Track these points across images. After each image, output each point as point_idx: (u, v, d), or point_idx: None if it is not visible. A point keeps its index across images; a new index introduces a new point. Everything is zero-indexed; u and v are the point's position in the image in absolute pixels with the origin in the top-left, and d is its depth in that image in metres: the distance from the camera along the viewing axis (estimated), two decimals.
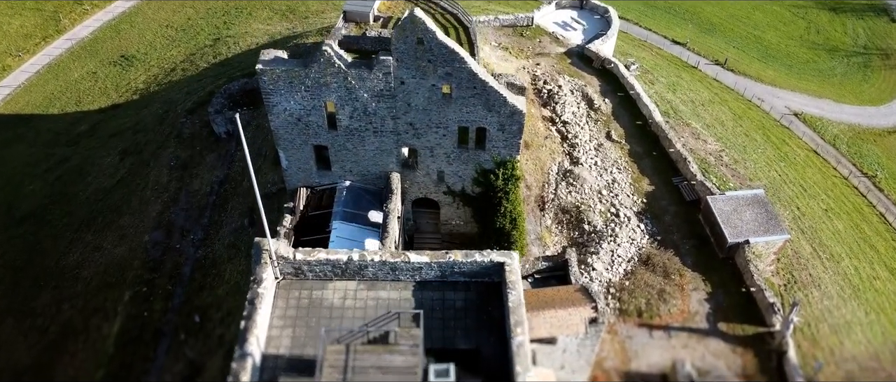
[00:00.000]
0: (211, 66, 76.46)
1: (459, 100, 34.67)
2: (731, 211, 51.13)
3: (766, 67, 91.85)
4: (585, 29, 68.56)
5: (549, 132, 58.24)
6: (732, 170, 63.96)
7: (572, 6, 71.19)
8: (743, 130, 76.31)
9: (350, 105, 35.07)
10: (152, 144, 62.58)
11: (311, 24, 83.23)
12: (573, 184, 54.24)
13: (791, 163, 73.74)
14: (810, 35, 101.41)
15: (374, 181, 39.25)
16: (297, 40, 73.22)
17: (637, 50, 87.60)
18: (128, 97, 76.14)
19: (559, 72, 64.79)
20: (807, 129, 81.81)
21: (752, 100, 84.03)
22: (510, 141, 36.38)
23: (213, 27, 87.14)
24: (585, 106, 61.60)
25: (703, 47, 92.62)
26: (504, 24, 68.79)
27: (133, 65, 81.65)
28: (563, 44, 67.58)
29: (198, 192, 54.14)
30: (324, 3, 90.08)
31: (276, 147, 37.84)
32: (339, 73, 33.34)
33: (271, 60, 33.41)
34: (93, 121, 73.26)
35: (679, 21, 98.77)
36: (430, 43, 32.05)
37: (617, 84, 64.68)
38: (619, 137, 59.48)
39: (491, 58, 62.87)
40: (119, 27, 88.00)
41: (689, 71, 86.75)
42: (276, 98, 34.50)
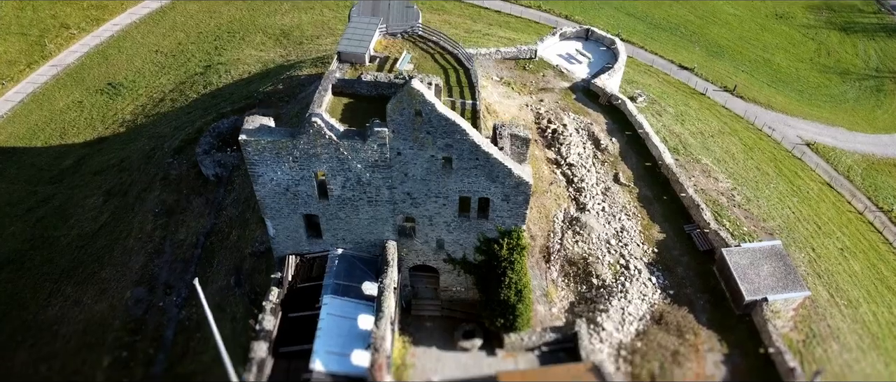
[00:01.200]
0: (201, 97, 73.96)
1: (461, 171, 32.17)
2: (748, 264, 48.64)
3: (776, 93, 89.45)
4: (591, 62, 66.10)
5: (555, 176, 55.70)
6: (745, 211, 61.54)
7: (577, 37, 68.72)
8: (754, 163, 73.98)
9: (342, 175, 32.55)
10: (137, 186, 60.01)
11: (305, 51, 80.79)
12: (580, 232, 51.70)
13: (804, 199, 71.38)
14: (821, 57, 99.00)
15: (369, 249, 36.72)
16: (291, 71, 70.75)
17: (643, 76, 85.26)
18: (114, 129, 73.60)
19: (564, 108, 62.34)
20: (820, 160, 79.40)
21: (763, 129, 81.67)
22: (515, 211, 33.84)
23: (205, 53, 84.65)
24: (592, 146, 59.12)
25: (711, 72, 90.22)
26: (506, 57, 66.36)
27: (120, 93, 79.13)
28: (567, 78, 65.12)
29: (183, 243, 51.55)
30: (318, 28, 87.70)
31: (263, 216, 35.27)
32: (329, 144, 30.82)
33: (256, 130, 30.85)
34: (77, 155, 70.73)
35: (686, 43, 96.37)
36: (429, 115, 29.56)
37: (624, 121, 62.30)
38: (628, 180, 56.98)
39: (492, 94, 60.40)
40: (107, 52, 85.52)
41: (697, 98, 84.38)
42: (262, 168, 31.97)
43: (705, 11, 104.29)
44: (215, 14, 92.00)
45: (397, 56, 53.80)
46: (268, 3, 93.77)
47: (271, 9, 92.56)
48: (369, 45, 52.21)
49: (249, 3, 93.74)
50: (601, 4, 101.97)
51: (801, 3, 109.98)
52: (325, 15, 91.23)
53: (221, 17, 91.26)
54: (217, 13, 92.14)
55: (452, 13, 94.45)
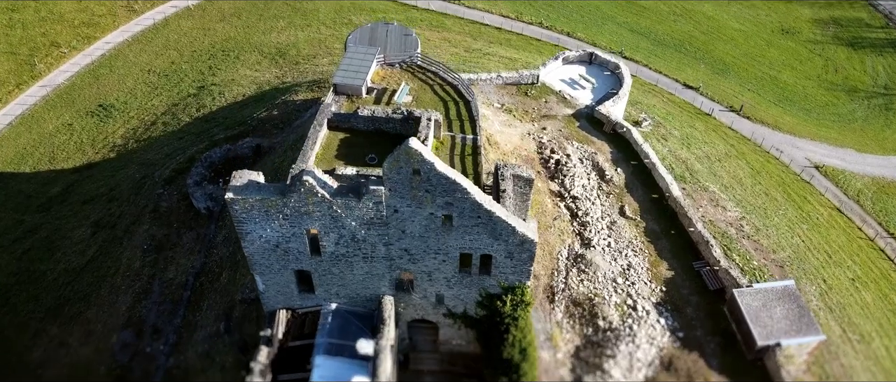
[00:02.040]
0: (194, 121, 72.23)
1: (462, 229, 30.42)
2: (760, 306, 46.90)
3: (783, 113, 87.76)
4: (595, 87, 64.43)
5: (558, 210, 53.94)
6: (755, 242, 59.78)
7: (580, 61, 66.99)
8: (762, 188, 72.31)
9: (336, 232, 30.80)
10: (126, 218, 58.24)
11: (301, 72, 79.08)
12: (585, 271, 49.92)
13: (814, 226, 69.72)
14: (828, 74, 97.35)
15: (364, 303, 34.96)
16: (286, 95, 69.02)
17: (647, 96, 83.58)
18: (104, 154, 71.83)
19: (567, 137, 60.61)
20: (829, 184, 77.71)
21: (771, 151, 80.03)
22: (520, 268, 32.07)
23: (198, 73, 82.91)
24: (596, 177, 57.38)
25: (716, 91, 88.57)
26: (507, 82, 64.65)
27: (111, 115, 77.37)
28: (570, 104, 63.43)
29: (172, 282, 49.77)
30: (315, 47, 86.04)
31: (252, 271, 33.48)
32: (322, 202, 29.05)
33: (243, 187, 29.07)
34: (66, 182, 68.95)
35: (690, 61, 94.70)
36: (428, 173, 27.80)
37: (630, 150, 60.61)
38: (634, 213, 55.22)
39: (493, 123, 58.65)
40: (98, 72, 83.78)
41: (702, 119, 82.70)
42: (250, 226, 30.21)
43: (710, 27, 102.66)
44: (210, 31, 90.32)
45: (395, 87, 52.17)
46: (263, 20, 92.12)
47: (267, 26, 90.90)
48: (366, 77, 50.62)
49: (245, 21, 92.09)
50: (604, 20, 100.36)
51: (808, 18, 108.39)
52: (322, 32, 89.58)
53: (216, 34, 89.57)
54: (212, 30, 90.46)
55: (452, 30, 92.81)
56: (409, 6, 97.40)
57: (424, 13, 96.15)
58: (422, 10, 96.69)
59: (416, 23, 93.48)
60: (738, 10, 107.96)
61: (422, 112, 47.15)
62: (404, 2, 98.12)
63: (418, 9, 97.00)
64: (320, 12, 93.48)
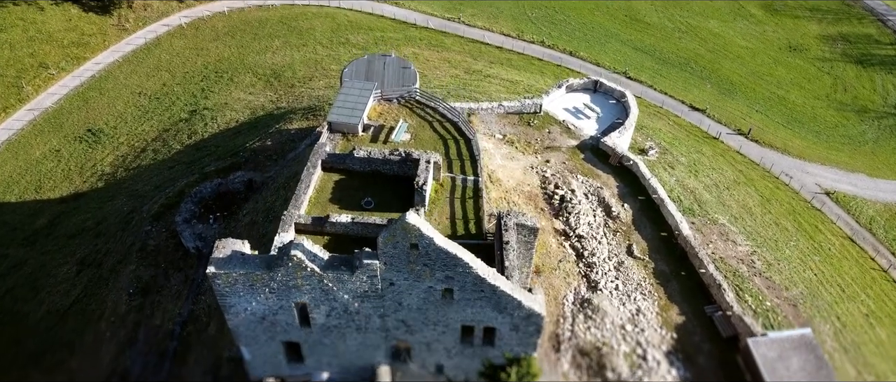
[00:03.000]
0: (185, 149, 70.17)
1: (463, 301, 28.34)
2: (776, 358, 44.84)
3: (792, 135, 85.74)
4: (599, 116, 62.43)
5: (563, 250, 51.85)
6: (766, 279, 57.74)
7: (584, 89, 64.96)
8: (772, 218, 70.35)
9: (327, 304, 28.75)
10: (113, 256, 56.15)
11: (297, 97, 77.05)
12: (592, 317, 47.81)
13: (826, 257, 67.80)
14: (837, 93, 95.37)
15: (358, 373, 32.85)
16: (280, 124, 66.97)
17: (653, 120, 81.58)
18: (92, 183, 69.77)
19: (571, 170, 58.54)
20: (840, 211, 75.69)
21: (780, 177, 78.06)
22: (525, 340, 29.96)
23: (190, 95, 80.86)
24: (603, 213, 55.31)
25: (723, 113, 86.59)
26: (509, 112, 62.65)
27: (100, 141, 75.30)
28: (574, 135, 61.40)
29: (159, 330, 47.68)
30: (311, 68, 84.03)
31: (236, 343, 31.36)
32: (311, 276, 26.93)
33: (226, 260, 26.97)
34: (53, 213, 66.89)
35: (696, 80, 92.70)
36: (427, 248, 25.72)
37: (637, 183, 58.54)
38: (642, 253, 53.13)
39: (495, 157, 56.55)
40: (87, 95, 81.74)
41: (710, 143, 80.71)
42: (234, 299, 28.13)
43: (716, 45, 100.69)
44: (203, 51, 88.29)
45: (393, 124, 50.26)
46: (258, 39, 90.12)
47: (262, 46, 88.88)
48: (363, 115, 48.69)
49: (239, 40, 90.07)
50: (607, 38, 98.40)
51: (815, 34, 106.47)
52: (319, 53, 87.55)
53: (209, 55, 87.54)
54: (205, 51, 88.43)
55: (452, 49, 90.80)
56: (408, 24, 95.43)
57: (423, 32, 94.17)
58: (421, 29, 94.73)
59: (415, 42, 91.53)
60: (744, 26, 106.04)
61: (420, 153, 45.25)
62: (403, 20, 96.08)
63: (417, 27, 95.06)
64: (316, 32, 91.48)
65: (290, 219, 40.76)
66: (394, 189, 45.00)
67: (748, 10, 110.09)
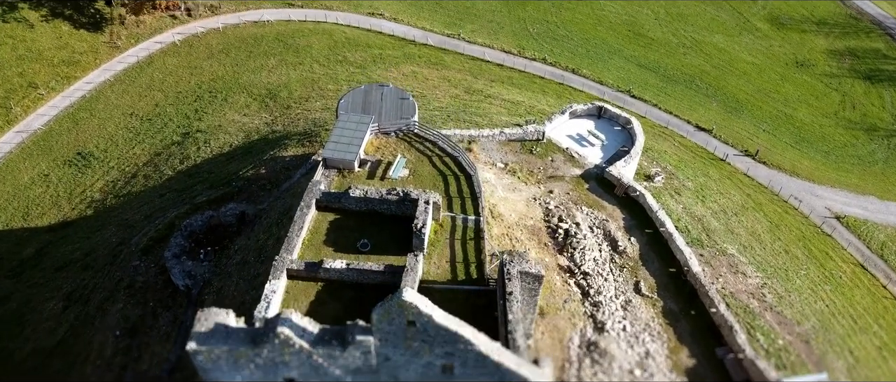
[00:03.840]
0: (176, 175, 68.45)
1: (465, 377, 26.56)
2: None
3: (801, 156, 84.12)
4: (604, 144, 60.75)
5: (568, 289, 50.05)
6: (778, 314, 56.13)
7: (588, 115, 63.30)
8: (782, 245, 68.78)
9: (317, 379, 26.88)
10: (100, 292, 54.40)
11: (293, 119, 75.35)
12: (599, 362, 46.01)
13: (838, 286, 66.32)
14: (845, 110, 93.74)
15: None
16: (274, 150, 65.27)
17: (658, 141, 79.98)
18: (81, 210, 68.04)
19: (576, 201, 56.80)
20: (851, 237, 74.14)
21: (789, 201, 76.54)
22: None
23: (183, 117, 79.15)
24: (609, 248, 53.56)
25: (730, 133, 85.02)
26: (511, 139, 60.96)
27: (90, 165, 73.57)
28: (578, 163, 59.70)
29: (145, 376, 45.76)
30: (308, 88, 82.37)
31: None
32: (299, 352, 25.20)
33: (209, 334, 25.26)
34: (41, 242, 65.15)
35: (702, 98, 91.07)
36: (425, 325, 23.99)
37: (643, 214, 56.78)
38: (650, 290, 51.38)
39: (497, 188, 54.81)
40: (77, 116, 79.99)
41: (716, 165, 79.15)
42: (217, 374, 26.33)
43: (721, 61, 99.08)
44: (196, 70, 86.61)
45: (391, 159, 48.59)
46: (253, 57, 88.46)
47: (257, 64, 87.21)
48: (359, 150, 46.98)
49: (233, 58, 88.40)
50: (610, 55, 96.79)
51: (823, 49, 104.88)
52: (315, 71, 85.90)
53: (203, 73, 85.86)
54: (198, 69, 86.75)
55: (452, 68, 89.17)
56: (407, 41, 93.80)
57: (423, 49, 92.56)
58: (420, 46, 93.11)
59: (414, 59, 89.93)
60: (750, 41, 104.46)
61: (419, 193, 43.57)
62: (402, 37, 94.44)
63: (416, 44, 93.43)
64: (313, 49, 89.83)
65: (282, 265, 39.12)
66: (391, 229, 43.36)
67: (754, 24, 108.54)
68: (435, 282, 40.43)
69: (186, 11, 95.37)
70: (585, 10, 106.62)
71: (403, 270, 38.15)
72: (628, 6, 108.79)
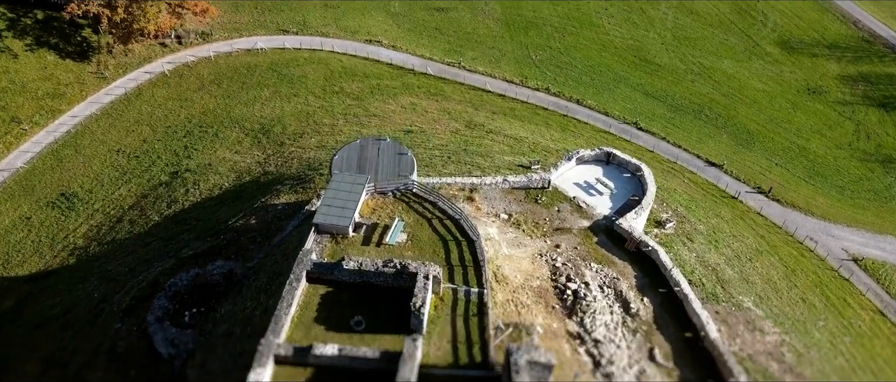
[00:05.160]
0: (163, 221, 65.69)
1: None
2: None
3: (815, 192, 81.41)
4: (613, 193, 57.96)
5: (577, 358, 47.11)
6: (798, 376, 53.31)
7: (596, 161, 60.56)
8: (798, 293, 66.21)
9: None
10: (80, 355, 51.56)
11: (286, 158, 72.61)
12: None
13: (857, 337, 63.97)
14: (860, 141, 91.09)
15: None
16: (266, 197, 62.55)
17: (668, 178, 77.31)
18: (63, 258, 65.25)
19: (584, 257, 53.96)
20: (870, 281, 71.59)
21: (805, 242, 74.02)
22: None
23: (172, 154, 76.39)
24: (620, 309, 50.69)
25: (741, 168, 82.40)
26: (515, 187, 58.21)
27: (74, 207, 70.80)
28: (586, 214, 56.92)
29: None
30: (303, 122, 79.71)
31: None
32: None
33: None
34: (20, 294, 62.41)
35: (711, 129, 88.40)
36: None
37: (656, 271, 53.85)
38: (665, 358, 48.48)
39: (501, 245, 51.95)
40: (61, 153, 77.23)
41: (728, 204, 76.47)
42: None
43: (731, 88, 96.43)
44: (186, 102, 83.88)
45: (388, 222, 45.78)
46: (246, 88, 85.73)
47: (250, 96, 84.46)
48: (354, 214, 44.09)
49: (225, 89, 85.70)
50: (616, 83, 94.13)
51: (835, 74, 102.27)
52: (311, 104, 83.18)
53: (193, 106, 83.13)
54: (189, 101, 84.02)
55: (452, 99, 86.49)
56: (406, 70, 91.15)
57: (422, 78, 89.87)
58: (419, 75, 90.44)
59: (412, 90, 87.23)
60: (759, 67, 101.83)
61: (418, 265, 40.77)
62: (400, 65, 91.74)
63: (415, 73, 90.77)
64: (308, 79, 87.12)
65: (268, 350, 36.39)
66: (388, 304, 40.61)
67: (763, 47, 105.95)
68: (435, 367, 37.71)
69: (177, 39, 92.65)
70: (589, 34, 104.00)
71: (400, 357, 35.43)
72: (634, 30, 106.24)
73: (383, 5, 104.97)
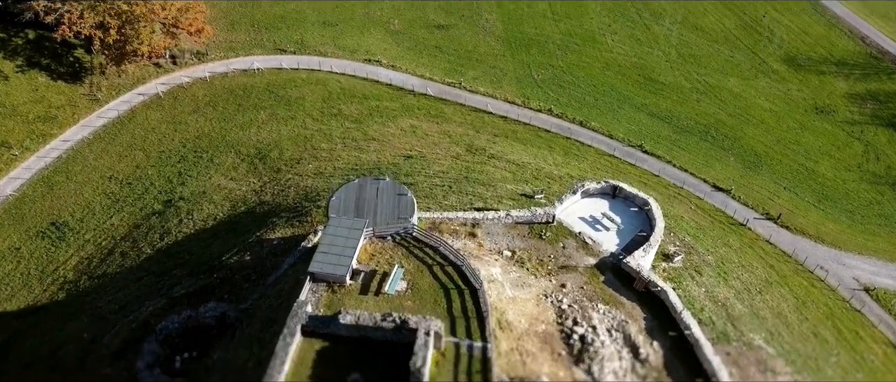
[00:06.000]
0: (155, 254, 64.07)
1: None
2: None
3: (824, 217, 79.79)
4: (620, 228, 56.32)
5: None
6: None
7: (602, 194, 58.96)
8: (809, 326, 64.61)
9: None
10: None
11: (283, 186, 71.03)
12: None
13: (870, 372, 62.86)
14: (869, 163, 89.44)
15: None
16: (261, 230, 60.94)
17: (674, 203, 75.70)
18: (53, 293, 63.65)
19: (591, 298, 52.29)
20: (882, 312, 70.08)
21: (815, 271, 72.44)
22: None
23: (166, 180, 74.78)
24: (629, 355, 49.08)
25: (749, 192, 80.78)
26: (518, 221, 56.60)
27: (65, 237, 69.18)
28: (592, 251, 55.33)
29: None
30: (300, 146, 78.14)
31: None
32: None
33: None
34: (8, 330, 61.02)
35: (718, 152, 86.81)
36: None
37: (665, 313, 52.18)
38: None
39: (504, 286, 50.30)
40: (52, 180, 75.62)
41: (737, 232, 74.85)
42: None
43: (737, 108, 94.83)
44: (181, 126, 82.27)
45: (387, 268, 44.13)
46: (242, 111, 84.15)
47: (246, 119, 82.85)
48: (351, 261, 42.41)
49: (221, 112, 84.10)
50: (620, 103, 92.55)
51: (843, 92, 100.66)
52: (308, 127, 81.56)
53: (188, 130, 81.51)
54: (183, 125, 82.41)
55: (453, 120, 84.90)
56: (406, 91, 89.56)
57: (422, 99, 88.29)
58: (419, 96, 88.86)
59: (412, 112, 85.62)
60: (766, 85, 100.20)
61: (418, 320, 39.17)
62: (400, 86, 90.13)
63: (415, 94, 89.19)
64: (306, 101, 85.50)
65: None
66: (387, 360, 38.95)
67: (770, 65, 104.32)
68: None
69: (171, 59, 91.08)
70: (592, 51, 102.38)
71: None
72: (638, 47, 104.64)
73: (383, 23, 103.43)
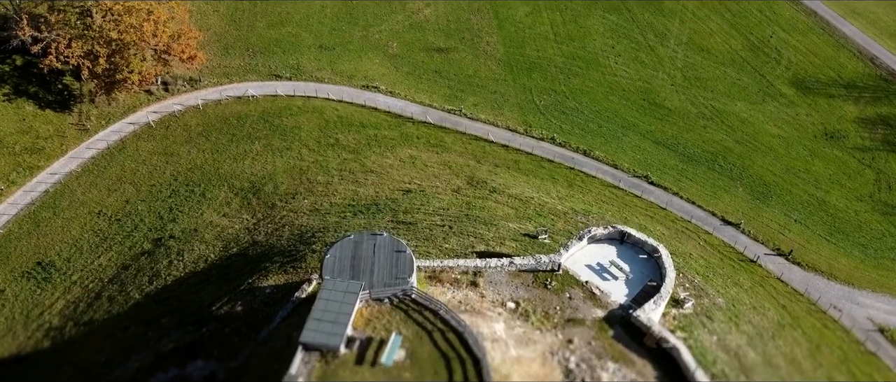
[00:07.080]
0: (143, 300, 61.98)
1: None
2: None
3: (837, 252, 77.69)
4: (629, 277, 54.12)
5: None
6: None
7: (609, 239, 56.86)
8: (824, 372, 62.76)
9: None
10: None
11: (278, 224, 68.94)
12: None
13: None
14: (881, 192, 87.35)
15: None
16: (254, 276, 58.75)
17: (682, 239, 73.63)
18: (37, 340, 61.52)
19: (600, 355, 50.12)
20: None
21: (828, 311, 70.47)
22: None
23: (156, 217, 72.68)
24: None
25: (759, 225, 78.77)
26: (521, 269, 54.43)
27: (51, 278, 67.08)
28: (600, 302, 53.14)
29: None
30: (296, 180, 76.12)
31: None
32: None
33: None
34: None
35: (726, 182, 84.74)
36: None
37: (678, 371, 49.91)
38: None
39: (507, 345, 48.15)
40: (39, 216, 73.49)
41: (747, 269, 72.78)
42: None
43: (745, 134, 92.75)
44: (173, 157, 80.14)
45: (384, 335, 41.86)
46: (236, 141, 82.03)
47: (240, 150, 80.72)
48: (346, 328, 40.17)
49: (214, 142, 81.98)
50: (625, 130, 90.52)
51: (853, 117, 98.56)
52: (304, 159, 79.47)
53: (180, 162, 79.39)
54: (175, 156, 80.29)
55: (453, 150, 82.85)
56: (404, 119, 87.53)
57: (421, 128, 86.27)
58: (418, 124, 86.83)
59: (412, 141, 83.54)
60: (775, 109, 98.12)
61: None
62: (399, 113, 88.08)
63: (414, 122, 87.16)
64: (302, 131, 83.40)
65: None
66: None
67: (778, 88, 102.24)
68: None
69: (163, 86, 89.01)
70: (596, 75, 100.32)
71: None
72: (642, 69, 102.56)
73: (381, 46, 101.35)
